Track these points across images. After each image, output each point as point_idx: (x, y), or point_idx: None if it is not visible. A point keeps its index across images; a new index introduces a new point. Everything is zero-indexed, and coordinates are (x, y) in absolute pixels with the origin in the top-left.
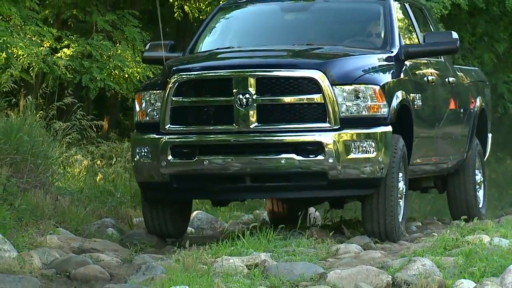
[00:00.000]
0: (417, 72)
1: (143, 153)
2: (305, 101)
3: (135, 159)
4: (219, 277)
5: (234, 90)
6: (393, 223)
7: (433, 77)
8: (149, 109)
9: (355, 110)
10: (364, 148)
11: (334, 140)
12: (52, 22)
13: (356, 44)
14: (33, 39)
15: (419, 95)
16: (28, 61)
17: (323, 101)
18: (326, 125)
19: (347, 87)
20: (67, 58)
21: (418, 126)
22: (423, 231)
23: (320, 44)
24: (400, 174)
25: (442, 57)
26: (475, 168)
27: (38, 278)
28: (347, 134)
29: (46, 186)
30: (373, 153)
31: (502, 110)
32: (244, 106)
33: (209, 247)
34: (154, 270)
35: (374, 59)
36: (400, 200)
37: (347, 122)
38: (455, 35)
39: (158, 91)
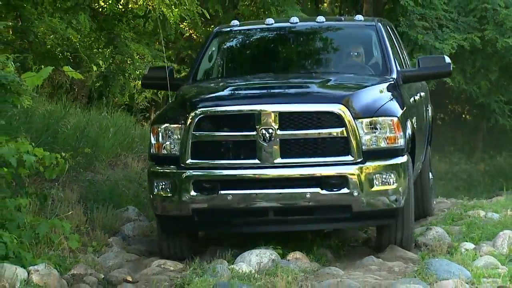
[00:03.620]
0: (408, 94)
1: (162, 187)
2: (328, 135)
3: (154, 192)
4: (291, 239)
5: (257, 126)
6: (409, 238)
7: (417, 97)
8: (167, 142)
9: (375, 142)
10: (385, 180)
11: (358, 173)
12: (173, 59)
13: (358, 69)
14: None
15: (415, 117)
16: None
17: (346, 135)
18: (349, 158)
19: (368, 120)
20: None
21: (417, 147)
22: (436, 208)
23: (321, 71)
24: None
25: None
26: (429, 160)
27: None
28: (370, 166)
29: None
30: (393, 184)
31: (494, 121)
32: (267, 141)
33: None
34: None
35: (384, 88)
36: None
37: (368, 155)
38: (447, 59)
39: (176, 125)
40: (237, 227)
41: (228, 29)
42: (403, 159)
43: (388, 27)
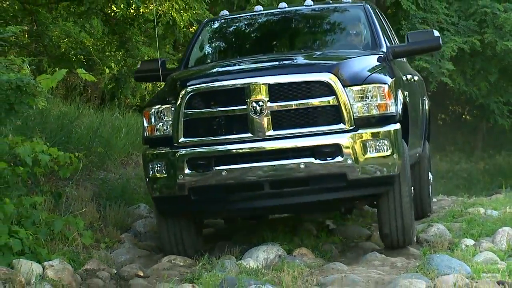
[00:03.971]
0: (400, 71)
1: (157, 168)
2: (318, 104)
3: (150, 174)
4: (297, 236)
5: (247, 99)
6: (410, 222)
7: (409, 76)
8: (159, 124)
9: (367, 110)
10: (379, 147)
11: (351, 141)
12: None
13: (348, 47)
14: None
15: (407, 92)
16: None
17: (336, 103)
18: (342, 126)
19: (357, 88)
20: None
21: (411, 123)
22: (437, 205)
23: (312, 49)
24: None
25: None
26: (429, 160)
27: None
28: (363, 134)
29: None
30: (387, 151)
31: (493, 121)
32: (258, 114)
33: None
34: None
35: (374, 60)
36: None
37: (360, 122)
38: (436, 33)
39: (167, 105)
40: (233, 203)
41: (218, 18)
42: (396, 126)
43: (376, 10)
